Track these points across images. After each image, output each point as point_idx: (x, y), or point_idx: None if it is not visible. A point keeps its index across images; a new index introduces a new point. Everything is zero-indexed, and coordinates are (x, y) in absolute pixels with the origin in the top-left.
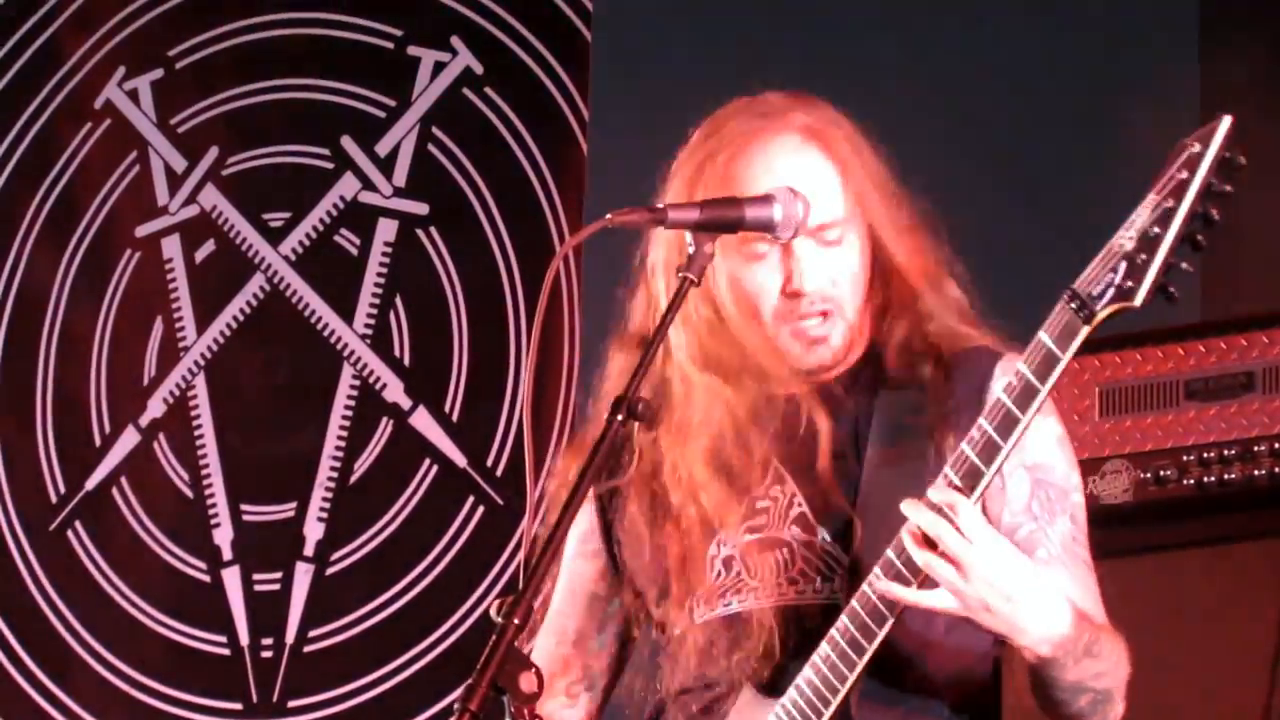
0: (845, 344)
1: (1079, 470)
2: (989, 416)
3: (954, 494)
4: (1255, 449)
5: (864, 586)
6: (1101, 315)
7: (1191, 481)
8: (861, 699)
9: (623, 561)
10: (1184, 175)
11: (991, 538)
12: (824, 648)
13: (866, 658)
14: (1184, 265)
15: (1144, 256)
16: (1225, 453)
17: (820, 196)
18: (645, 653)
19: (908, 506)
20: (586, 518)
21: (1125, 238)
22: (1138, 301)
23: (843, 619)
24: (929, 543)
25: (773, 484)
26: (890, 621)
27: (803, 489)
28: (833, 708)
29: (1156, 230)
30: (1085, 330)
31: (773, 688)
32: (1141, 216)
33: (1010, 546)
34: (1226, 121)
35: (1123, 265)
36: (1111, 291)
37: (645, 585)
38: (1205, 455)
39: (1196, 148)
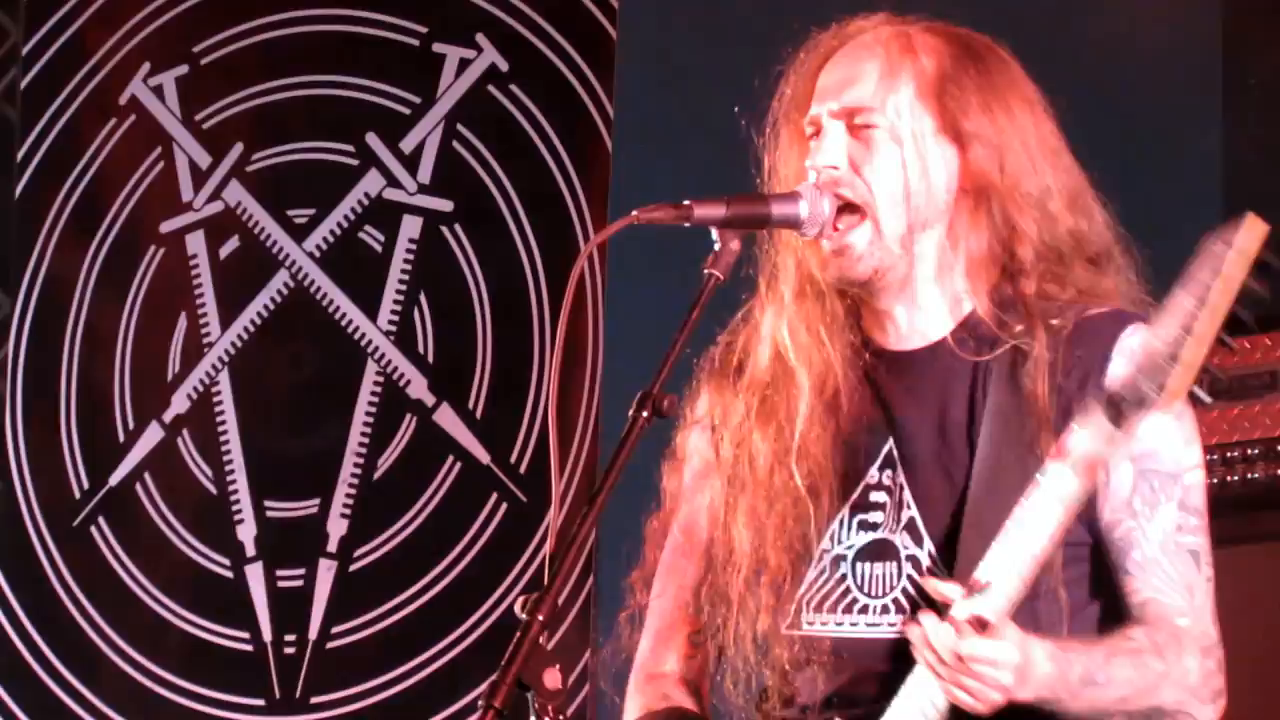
0: (879, 266)
1: (1199, 446)
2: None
3: (963, 637)
4: (1278, 448)
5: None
6: (1132, 421)
7: (1215, 480)
8: None
9: None
10: (1210, 277)
11: (982, 650)
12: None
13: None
14: (1214, 364)
15: (1172, 360)
16: (1249, 452)
17: (858, 82)
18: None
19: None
20: (700, 449)
21: (1158, 337)
22: (1162, 408)
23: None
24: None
25: (884, 467)
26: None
27: (911, 483)
28: None
29: (1183, 334)
30: (1119, 434)
31: None
32: (1173, 318)
33: (1001, 638)
34: (1255, 224)
35: (1153, 368)
36: (1142, 397)
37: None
38: (1229, 454)
39: (1220, 247)
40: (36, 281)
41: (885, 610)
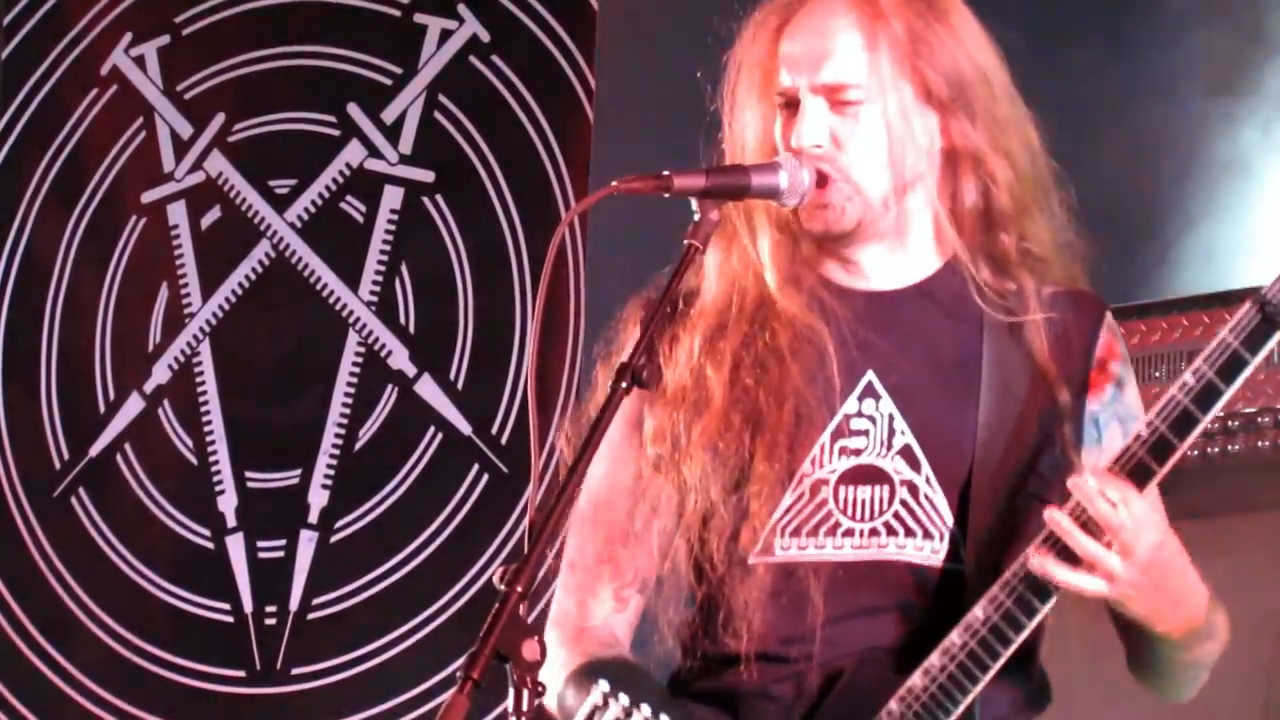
0: (863, 219)
1: None
2: (1161, 414)
3: (1127, 487)
4: (1260, 420)
5: (1015, 568)
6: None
7: (1196, 452)
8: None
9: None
10: None
11: (1158, 529)
12: (957, 635)
13: (1012, 648)
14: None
15: None
16: (1230, 424)
17: (838, 56)
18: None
19: (1081, 489)
20: (631, 403)
21: None
22: None
23: (984, 603)
24: (1087, 527)
25: (864, 397)
26: (1043, 610)
27: (905, 411)
28: (964, 704)
29: None
30: (1276, 335)
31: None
32: None
33: (1170, 537)
34: None
35: None
36: None
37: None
38: (1209, 426)
39: None
40: (17, 252)
41: (875, 533)
